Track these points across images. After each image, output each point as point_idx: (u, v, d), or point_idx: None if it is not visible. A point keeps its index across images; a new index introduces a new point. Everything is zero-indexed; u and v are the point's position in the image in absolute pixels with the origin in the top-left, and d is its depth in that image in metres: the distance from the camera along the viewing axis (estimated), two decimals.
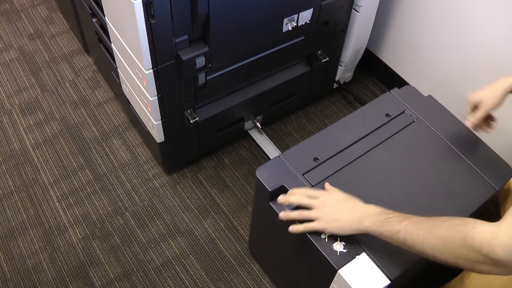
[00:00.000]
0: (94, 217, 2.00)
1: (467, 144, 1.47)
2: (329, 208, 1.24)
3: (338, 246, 1.23)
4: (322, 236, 1.25)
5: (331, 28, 2.00)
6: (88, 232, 1.96)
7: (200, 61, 1.62)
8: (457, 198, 1.35)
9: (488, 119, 1.41)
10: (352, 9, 2.01)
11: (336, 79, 2.34)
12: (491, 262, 0.93)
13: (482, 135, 1.48)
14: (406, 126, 1.50)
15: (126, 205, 2.04)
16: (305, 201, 1.26)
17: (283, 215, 1.29)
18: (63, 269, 1.87)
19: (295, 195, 1.29)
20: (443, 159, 1.43)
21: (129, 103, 2.06)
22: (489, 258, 0.93)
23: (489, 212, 1.54)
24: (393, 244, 1.13)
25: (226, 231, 1.97)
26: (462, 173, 1.41)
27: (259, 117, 2.14)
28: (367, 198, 1.28)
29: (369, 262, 1.22)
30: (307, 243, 1.26)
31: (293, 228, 1.26)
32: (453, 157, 1.44)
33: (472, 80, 1.95)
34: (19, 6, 2.84)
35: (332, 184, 1.35)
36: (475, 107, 1.39)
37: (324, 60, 2.04)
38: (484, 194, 1.37)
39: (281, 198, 1.30)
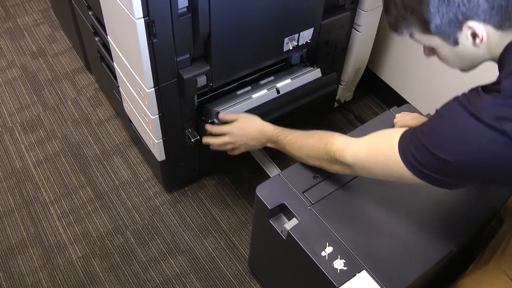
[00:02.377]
0: (94, 235, 2.00)
1: None
2: (239, 138, 1.63)
3: (339, 264, 1.23)
4: (323, 254, 1.25)
5: (331, 47, 2.02)
6: (88, 250, 1.95)
7: (202, 80, 1.62)
8: (458, 216, 1.35)
9: None
10: (353, 29, 2.02)
11: (337, 98, 2.35)
12: (342, 164, 1.23)
13: None
14: None
15: (127, 223, 2.03)
16: (216, 129, 1.68)
17: (204, 140, 1.72)
18: None
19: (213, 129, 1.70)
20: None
21: (130, 121, 2.07)
22: (339, 161, 1.23)
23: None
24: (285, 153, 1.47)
25: (227, 250, 1.96)
26: (462, 192, 1.41)
27: None
28: (366, 216, 1.28)
29: (370, 280, 1.21)
30: (307, 261, 1.26)
31: (206, 140, 1.72)
32: None
33: None
34: (22, 25, 2.86)
35: (331, 202, 1.35)
36: None
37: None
38: (484, 212, 1.37)
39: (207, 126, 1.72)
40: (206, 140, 1.71)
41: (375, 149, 1.15)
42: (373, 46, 2.19)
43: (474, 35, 1.02)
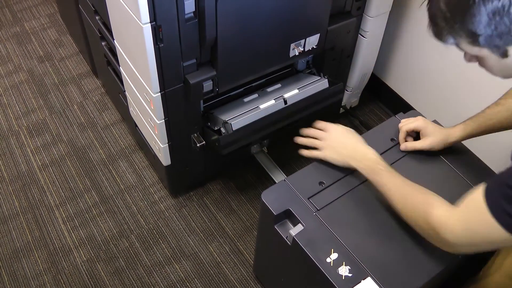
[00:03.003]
0: (99, 239, 2.00)
1: (473, 170, 1.47)
2: (333, 140, 1.44)
3: (344, 270, 1.23)
4: (328, 260, 1.25)
5: (337, 53, 2.02)
6: (92, 254, 1.96)
7: (208, 85, 1.63)
8: None
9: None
10: (359, 35, 2.03)
11: (343, 104, 2.35)
12: (442, 241, 1.12)
13: (492, 163, 1.48)
14: (411, 151, 1.50)
15: (132, 227, 2.03)
16: (312, 132, 1.50)
17: (296, 138, 1.53)
18: None
19: (309, 129, 1.52)
20: (448, 184, 1.43)
21: (136, 126, 2.08)
22: (440, 237, 1.11)
23: None
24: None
25: (231, 255, 1.96)
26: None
27: (265, 141, 2.15)
28: (372, 222, 1.28)
29: (375, 287, 1.21)
30: (312, 267, 1.26)
31: (302, 151, 1.48)
32: (458, 182, 1.44)
33: (477, 105, 1.96)
34: (29, 29, 2.88)
35: (337, 208, 1.35)
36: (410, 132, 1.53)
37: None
38: None
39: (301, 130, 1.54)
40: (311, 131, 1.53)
41: (469, 223, 1.06)
42: (379, 52, 2.19)
43: None
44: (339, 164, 1.41)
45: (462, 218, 1.07)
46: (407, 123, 1.52)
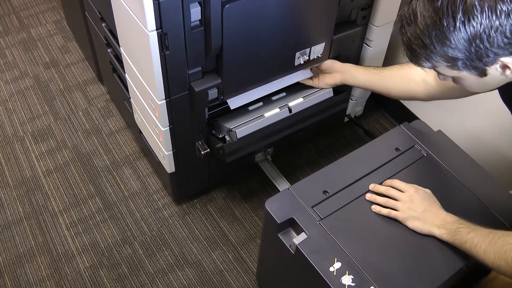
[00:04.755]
0: (103, 245, 2.00)
1: (477, 180, 1.47)
2: (414, 205, 1.33)
3: (347, 280, 1.23)
4: (331, 269, 1.24)
5: (342, 62, 2.02)
6: (95, 261, 1.95)
7: (213, 93, 1.63)
8: None
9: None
10: (364, 44, 2.03)
11: (347, 113, 2.35)
12: None
13: (495, 174, 1.47)
14: (416, 160, 1.50)
15: (135, 234, 2.03)
16: (392, 192, 1.39)
17: (370, 196, 1.40)
18: None
19: (385, 186, 1.41)
20: (453, 195, 1.43)
21: (141, 132, 2.08)
22: None
23: None
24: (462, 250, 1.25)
25: (235, 263, 1.96)
26: (472, 209, 1.40)
27: (269, 149, 2.15)
28: (376, 232, 1.28)
29: None
30: (316, 276, 1.26)
31: (376, 209, 1.37)
32: (463, 193, 1.43)
33: (482, 116, 1.96)
34: (36, 35, 2.89)
35: (340, 217, 1.34)
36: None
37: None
38: (498, 229, 1.35)
39: (372, 186, 1.43)
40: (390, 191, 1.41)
41: None
42: (384, 61, 2.19)
43: (505, 67, 1.02)
44: (418, 231, 1.32)
45: None
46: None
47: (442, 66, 1.06)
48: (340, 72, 1.79)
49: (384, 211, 1.36)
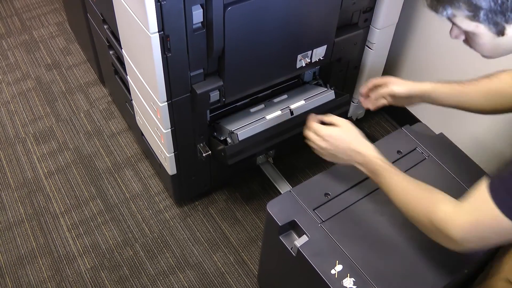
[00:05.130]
0: (104, 247, 2.00)
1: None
2: (329, 149, 1.36)
3: (348, 282, 1.22)
4: (332, 272, 1.24)
5: (344, 65, 2.02)
6: (97, 262, 1.95)
7: (214, 95, 1.63)
8: None
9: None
10: (365, 46, 2.03)
11: (349, 115, 2.35)
12: (446, 237, 1.06)
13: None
14: (417, 163, 1.50)
15: (136, 236, 2.03)
16: (311, 137, 1.41)
17: (305, 133, 1.43)
18: None
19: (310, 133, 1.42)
20: (454, 197, 1.42)
21: (143, 134, 2.08)
22: (444, 234, 1.06)
23: None
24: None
25: (236, 265, 1.96)
26: None
27: (271, 151, 2.15)
28: (377, 234, 1.28)
29: None
30: (317, 279, 1.25)
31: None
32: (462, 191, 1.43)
33: (484, 119, 1.96)
34: (38, 37, 2.90)
35: (342, 220, 1.34)
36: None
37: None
38: None
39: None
40: (307, 134, 1.44)
41: (476, 219, 1.03)
42: (386, 64, 2.19)
43: None
44: (339, 162, 1.37)
45: (469, 214, 1.04)
46: (378, 79, 1.51)
47: (462, 16, 1.00)
48: (420, 96, 1.49)
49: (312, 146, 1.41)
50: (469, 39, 1.07)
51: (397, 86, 1.44)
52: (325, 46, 1.80)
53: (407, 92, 1.43)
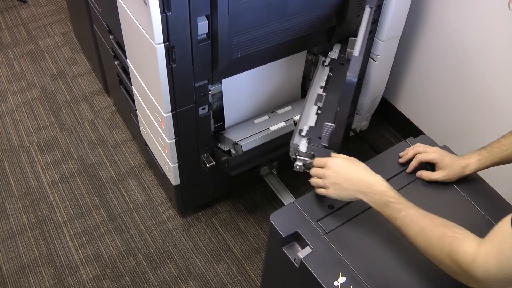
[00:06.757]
0: (106, 257, 2.00)
1: (483, 196, 1.46)
2: (334, 177, 1.29)
3: None
4: (335, 284, 1.24)
5: None
6: (99, 272, 1.95)
7: None
8: None
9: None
10: (370, 58, 2.03)
11: (353, 127, 2.35)
12: (469, 278, 1.02)
13: (501, 189, 1.47)
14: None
15: (139, 246, 2.03)
16: (314, 171, 1.35)
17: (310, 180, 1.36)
18: None
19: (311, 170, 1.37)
20: (458, 210, 1.42)
21: (147, 144, 2.09)
22: (468, 274, 1.02)
23: None
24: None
25: (239, 276, 1.95)
26: (477, 225, 1.39)
27: (275, 163, 2.15)
28: (381, 247, 1.27)
29: None
30: None
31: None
32: (468, 208, 1.43)
33: (487, 130, 1.95)
34: (43, 46, 2.91)
35: (345, 232, 1.34)
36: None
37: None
38: None
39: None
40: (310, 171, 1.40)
41: (502, 258, 0.98)
42: (390, 76, 2.19)
43: None
44: (347, 200, 1.31)
45: (494, 253, 0.98)
46: (424, 154, 1.45)
47: None
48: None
49: (317, 190, 1.35)
50: None
51: (451, 174, 1.42)
52: None
53: (458, 177, 1.42)
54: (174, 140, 1.72)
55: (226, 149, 1.84)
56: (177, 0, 1.33)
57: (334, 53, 1.82)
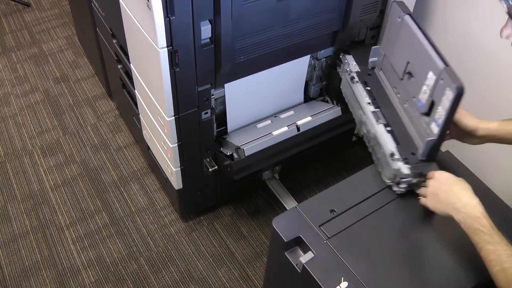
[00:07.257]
0: (108, 260, 2.00)
1: (485, 201, 1.46)
2: (436, 188, 1.29)
3: None
4: None
5: None
6: (101, 276, 1.95)
7: None
8: (473, 255, 1.33)
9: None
10: None
11: (355, 132, 2.35)
12: None
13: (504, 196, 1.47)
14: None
15: (141, 250, 2.03)
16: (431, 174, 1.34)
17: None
18: None
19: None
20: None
21: (149, 148, 2.09)
22: None
23: None
24: None
25: (240, 281, 1.95)
26: None
27: (277, 167, 2.15)
28: (383, 251, 1.27)
29: None
30: None
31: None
32: None
33: None
34: (47, 50, 2.92)
35: (348, 236, 1.34)
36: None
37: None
38: None
39: None
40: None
41: None
42: None
43: None
44: (439, 213, 1.27)
45: None
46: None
47: None
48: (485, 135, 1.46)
49: (421, 200, 1.35)
50: None
51: (466, 119, 1.42)
52: None
53: (473, 127, 1.42)
54: (176, 144, 1.72)
55: (228, 154, 1.85)
56: (181, 5, 1.33)
57: (354, 66, 1.79)
